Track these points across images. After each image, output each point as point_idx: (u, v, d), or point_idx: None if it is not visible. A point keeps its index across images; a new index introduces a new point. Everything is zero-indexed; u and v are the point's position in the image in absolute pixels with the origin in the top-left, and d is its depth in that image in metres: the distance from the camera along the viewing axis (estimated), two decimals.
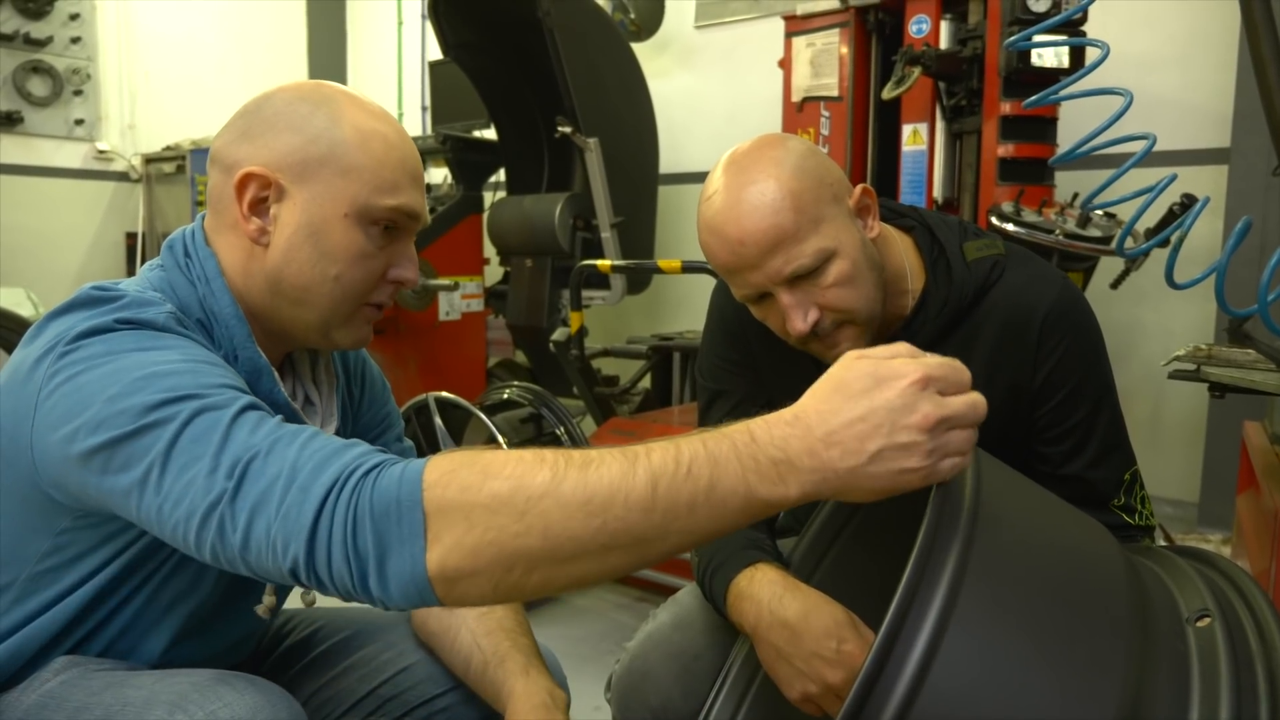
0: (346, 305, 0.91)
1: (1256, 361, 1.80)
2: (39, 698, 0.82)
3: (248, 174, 0.87)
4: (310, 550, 0.66)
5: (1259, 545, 1.79)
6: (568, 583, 0.67)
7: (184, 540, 0.71)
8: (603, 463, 0.65)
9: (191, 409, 0.72)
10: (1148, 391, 3.35)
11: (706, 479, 0.64)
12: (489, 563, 0.64)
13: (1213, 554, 0.84)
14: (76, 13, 5.04)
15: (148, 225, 5.31)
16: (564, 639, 1.38)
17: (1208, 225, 3.05)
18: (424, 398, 2.55)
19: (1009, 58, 2.79)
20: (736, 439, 0.66)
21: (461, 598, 0.66)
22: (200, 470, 0.69)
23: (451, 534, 0.64)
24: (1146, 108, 1.79)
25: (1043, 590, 0.68)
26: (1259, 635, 0.68)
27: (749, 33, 4.38)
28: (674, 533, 0.65)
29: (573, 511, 0.63)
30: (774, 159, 1.02)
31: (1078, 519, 0.82)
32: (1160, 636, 0.68)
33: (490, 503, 0.64)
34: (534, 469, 0.65)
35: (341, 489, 0.66)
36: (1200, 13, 3.21)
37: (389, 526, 0.65)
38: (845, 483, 0.65)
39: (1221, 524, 2.93)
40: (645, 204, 4.08)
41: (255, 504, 0.67)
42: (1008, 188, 2.88)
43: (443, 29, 3.94)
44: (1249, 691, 0.63)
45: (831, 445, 0.64)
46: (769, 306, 1.06)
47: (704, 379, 1.30)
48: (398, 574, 0.65)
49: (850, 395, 0.65)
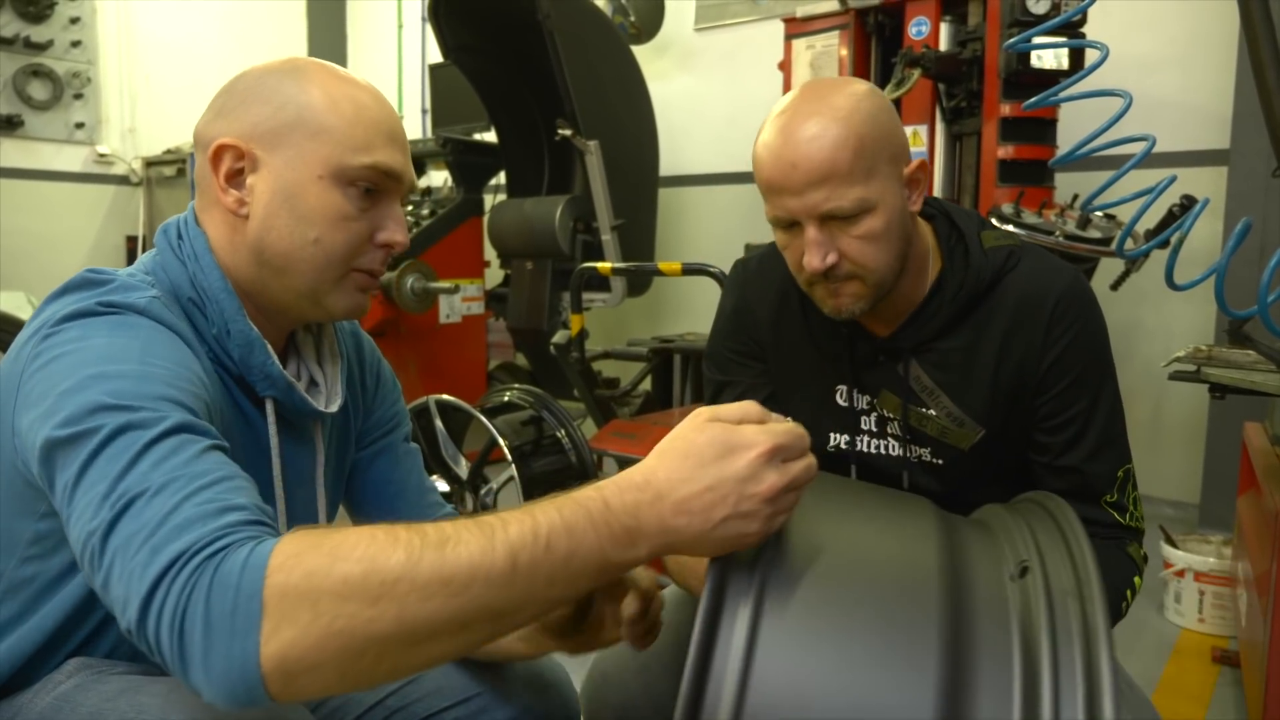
0: (332, 270, 0.90)
1: (1257, 362, 1.80)
2: (53, 700, 0.81)
3: (221, 146, 0.88)
4: (142, 618, 0.62)
5: (1259, 547, 1.79)
6: (420, 664, 0.64)
7: (81, 563, 0.69)
8: (459, 540, 0.63)
9: (116, 424, 0.70)
10: (1148, 392, 3.35)
11: (564, 550, 0.64)
12: (336, 652, 0.60)
13: (1045, 497, 0.87)
14: (77, 16, 5.05)
15: (148, 229, 5.31)
16: None
17: (1207, 226, 3.05)
18: (424, 401, 2.55)
19: (1009, 59, 2.79)
20: (591, 507, 0.66)
21: (299, 692, 0.61)
22: (97, 494, 0.67)
23: (294, 625, 0.59)
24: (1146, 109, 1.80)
25: (846, 601, 0.71)
26: (1074, 573, 0.71)
27: (749, 35, 4.39)
28: (531, 604, 0.65)
29: (431, 593, 0.61)
30: (852, 99, 1.04)
31: (891, 521, 0.84)
32: (980, 603, 0.70)
33: (340, 589, 0.60)
34: (387, 549, 0.61)
35: (185, 563, 0.62)
36: (1200, 14, 3.21)
37: (221, 617, 0.60)
38: (689, 546, 0.67)
39: (1222, 525, 2.93)
40: (645, 206, 4.08)
41: (118, 549, 0.65)
42: (1008, 189, 2.88)
43: (443, 32, 3.94)
44: (1065, 633, 0.66)
45: (680, 513, 0.66)
46: (793, 236, 1.08)
47: (711, 370, 1.31)
48: (224, 669, 0.60)
49: (701, 463, 0.67)
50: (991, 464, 1.15)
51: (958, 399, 1.14)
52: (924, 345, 1.14)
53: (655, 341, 3.52)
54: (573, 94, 3.57)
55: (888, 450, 1.19)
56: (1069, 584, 0.70)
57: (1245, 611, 1.96)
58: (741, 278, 1.28)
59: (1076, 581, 0.70)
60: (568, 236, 3.75)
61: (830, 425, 1.21)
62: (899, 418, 1.17)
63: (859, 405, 1.20)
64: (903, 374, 1.15)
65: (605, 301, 3.84)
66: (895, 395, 1.16)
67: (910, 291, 1.14)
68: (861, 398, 1.20)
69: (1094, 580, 0.69)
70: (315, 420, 0.99)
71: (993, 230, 1.17)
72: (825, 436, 1.21)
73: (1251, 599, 1.85)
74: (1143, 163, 1.39)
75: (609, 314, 4.44)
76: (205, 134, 0.90)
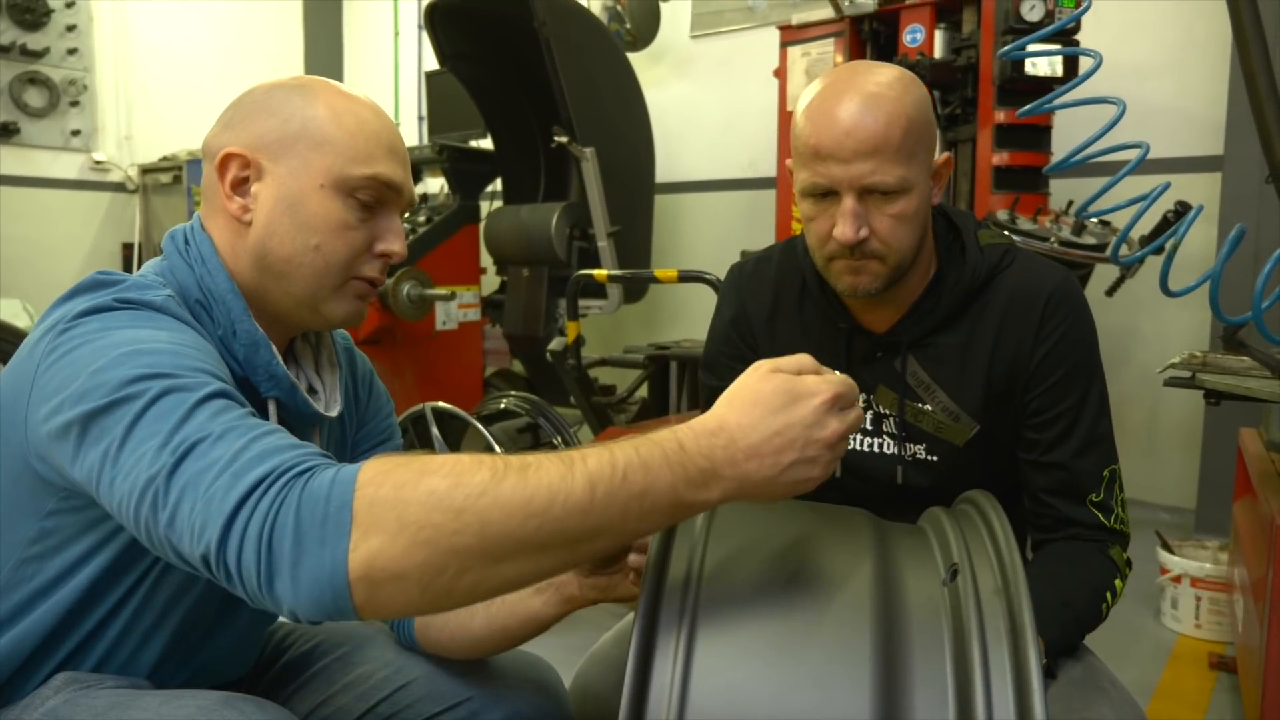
0: (331, 277, 0.93)
1: (1251, 369, 1.80)
2: (41, 716, 0.81)
3: (228, 154, 0.91)
4: (224, 538, 0.64)
5: (1255, 552, 1.79)
6: (496, 585, 0.66)
7: (129, 519, 0.69)
8: (540, 466, 0.66)
9: (161, 387, 0.72)
10: (1144, 398, 3.36)
11: (640, 484, 0.67)
12: (420, 563, 0.62)
13: (980, 495, 0.88)
14: (74, 24, 5.05)
15: (144, 236, 5.31)
16: (561, 649, 1.37)
17: (1202, 232, 3.06)
18: (421, 407, 2.55)
19: (1003, 66, 2.80)
20: (666, 447, 0.69)
21: (383, 605, 0.63)
22: (151, 446, 0.68)
23: (382, 533, 0.62)
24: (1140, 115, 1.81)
25: (780, 618, 0.72)
26: (1000, 572, 0.73)
27: (744, 42, 4.40)
28: (605, 534, 0.67)
29: (512, 511, 0.63)
30: (902, 80, 1.06)
31: (825, 536, 0.85)
32: (913, 610, 0.72)
33: (427, 499, 0.63)
34: (472, 468, 0.64)
35: (273, 483, 0.65)
36: (1194, 21, 3.22)
37: (312, 527, 0.63)
38: (758, 489, 0.70)
39: (1218, 530, 2.93)
40: (642, 213, 4.09)
41: (187, 483, 0.66)
42: (1003, 195, 2.89)
43: (439, 39, 3.95)
44: (994, 634, 0.68)
45: (751, 457, 0.69)
46: (824, 207, 1.08)
47: (707, 377, 1.32)
48: (313, 577, 0.62)
49: (769, 410, 0.70)
50: (986, 460, 1.16)
51: (953, 394, 1.15)
52: (921, 340, 1.16)
53: (651, 348, 3.52)
54: (569, 101, 3.57)
55: (882, 449, 1.20)
56: (996, 582, 0.72)
57: (1242, 617, 1.96)
58: (737, 281, 1.29)
59: (1004, 580, 0.72)
60: (564, 243, 3.75)
61: None
62: (895, 414, 1.18)
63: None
64: (900, 369, 1.16)
65: (601, 308, 3.84)
66: (892, 390, 1.17)
67: (909, 286, 1.15)
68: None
69: (1019, 577, 0.71)
70: (315, 425, 1.00)
71: (989, 230, 1.19)
72: None
73: (1248, 605, 1.85)
74: (1137, 169, 1.40)
75: (605, 321, 4.44)
76: (213, 144, 0.93)
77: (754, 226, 4.25)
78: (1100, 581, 1.08)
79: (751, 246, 3.75)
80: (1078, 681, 1.02)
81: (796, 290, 1.23)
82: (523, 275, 3.95)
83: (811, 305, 1.22)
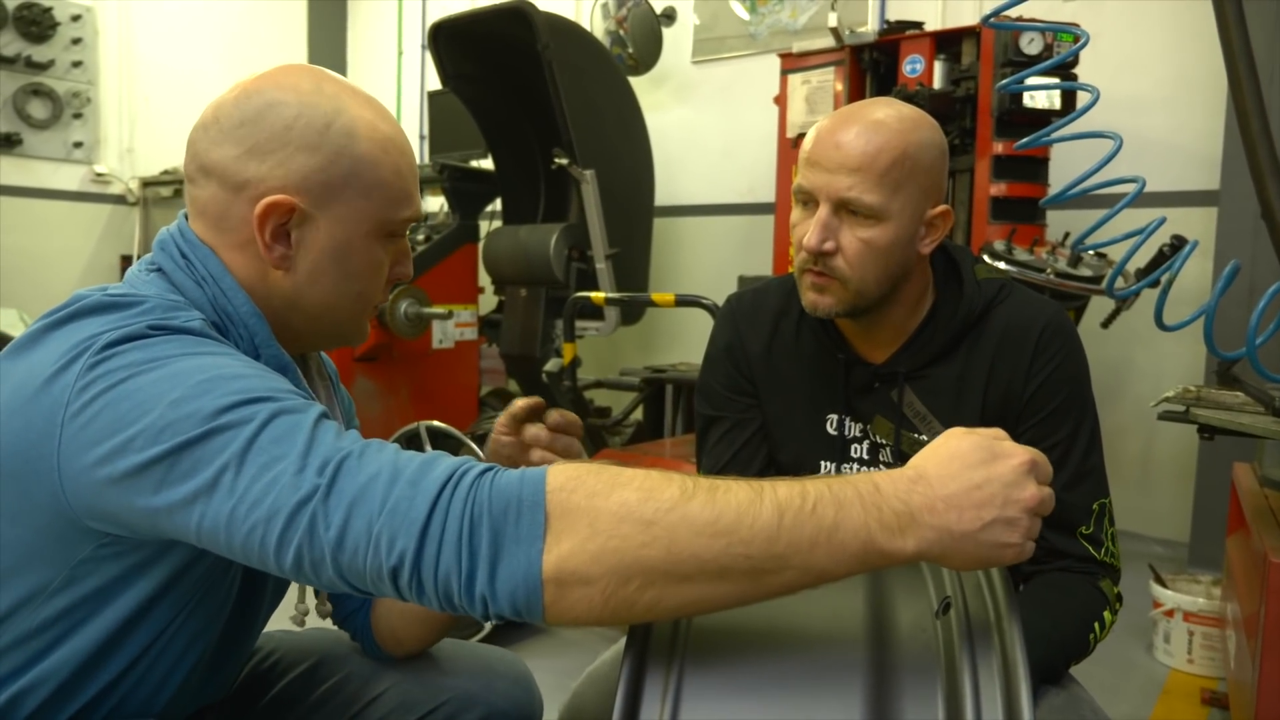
0: (366, 315, 0.93)
1: (1245, 404, 1.80)
2: None
3: (271, 204, 0.82)
4: (420, 547, 0.63)
5: (1248, 588, 1.78)
6: (676, 605, 0.65)
7: (261, 544, 0.66)
8: (729, 488, 0.65)
9: (270, 410, 0.69)
10: (1139, 431, 3.36)
11: (831, 518, 0.65)
12: (607, 571, 0.62)
13: None
14: (79, 37, 5.08)
15: (143, 248, 5.31)
16: (551, 671, 1.36)
17: (1197, 266, 3.07)
18: (415, 426, 2.54)
19: (1001, 99, 2.82)
20: (860, 486, 0.67)
21: (569, 608, 0.63)
22: (286, 469, 0.66)
23: (574, 537, 0.63)
24: (1137, 149, 1.82)
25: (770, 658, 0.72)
26: (994, 608, 0.72)
27: (745, 69, 4.43)
28: (790, 568, 0.65)
29: (700, 529, 0.63)
30: (914, 121, 1.09)
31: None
32: (904, 643, 0.71)
33: (618, 510, 0.63)
34: (662, 484, 0.64)
35: (457, 484, 0.65)
36: (1189, 57, 3.25)
37: (507, 525, 0.63)
38: (956, 545, 0.67)
39: (1212, 565, 2.92)
40: (640, 236, 4.10)
41: (354, 499, 0.65)
42: (999, 226, 2.91)
43: (442, 60, 3.97)
44: (985, 668, 0.67)
45: (951, 508, 0.66)
46: (806, 214, 1.12)
47: (703, 406, 1.32)
48: (509, 575, 0.63)
49: (968, 464, 0.68)
50: None
51: (948, 424, 1.15)
52: (918, 371, 1.17)
53: (647, 371, 3.52)
54: (570, 124, 3.59)
55: None
56: (989, 616, 0.72)
57: (1234, 653, 1.95)
58: (734, 312, 1.30)
59: (996, 615, 0.72)
60: (562, 265, 3.76)
61: (820, 453, 1.23)
62: (891, 444, 1.18)
63: (850, 433, 1.21)
64: (897, 399, 1.17)
65: (598, 330, 3.84)
66: (889, 421, 1.18)
67: (906, 319, 1.18)
68: (854, 425, 1.21)
69: (1011, 610, 0.70)
70: None
71: (985, 265, 1.21)
72: (816, 465, 1.22)
73: (1240, 640, 1.85)
74: (1133, 202, 1.41)
75: (601, 342, 4.44)
76: (236, 174, 0.83)
77: (752, 252, 4.27)
78: (1088, 612, 1.08)
79: (749, 272, 3.76)
80: (1059, 709, 1.01)
81: (795, 320, 1.24)
82: (520, 295, 3.96)
83: (810, 335, 1.23)
